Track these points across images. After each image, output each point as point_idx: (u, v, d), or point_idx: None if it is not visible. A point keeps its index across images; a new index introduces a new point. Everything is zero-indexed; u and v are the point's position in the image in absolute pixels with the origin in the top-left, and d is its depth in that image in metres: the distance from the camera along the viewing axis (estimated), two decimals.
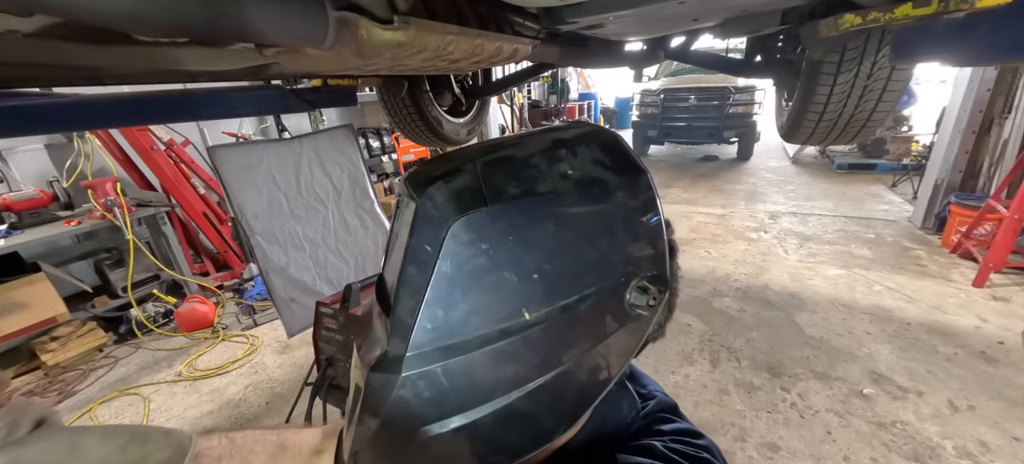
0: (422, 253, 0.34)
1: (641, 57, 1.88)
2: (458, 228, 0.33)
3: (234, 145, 2.77)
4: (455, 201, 0.34)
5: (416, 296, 0.34)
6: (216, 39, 0.67)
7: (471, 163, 0.37)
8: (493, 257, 0.34)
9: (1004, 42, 0.69)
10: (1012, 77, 3.61)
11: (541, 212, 0.35)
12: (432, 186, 0.35)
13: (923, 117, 6.47)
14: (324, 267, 2.48)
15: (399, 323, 0.35)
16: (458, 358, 0.34)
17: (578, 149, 0.40)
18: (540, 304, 0.35)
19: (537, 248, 0.35)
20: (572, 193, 0.37)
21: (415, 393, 0.34)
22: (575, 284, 0.36)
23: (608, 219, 0.38)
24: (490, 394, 0.35)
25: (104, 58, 0.79)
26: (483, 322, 0.34)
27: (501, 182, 0.35)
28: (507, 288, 0.34)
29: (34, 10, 0.42)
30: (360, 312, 1.23)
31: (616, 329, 0.38)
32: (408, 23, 0.66)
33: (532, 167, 0.37)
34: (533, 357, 0.35)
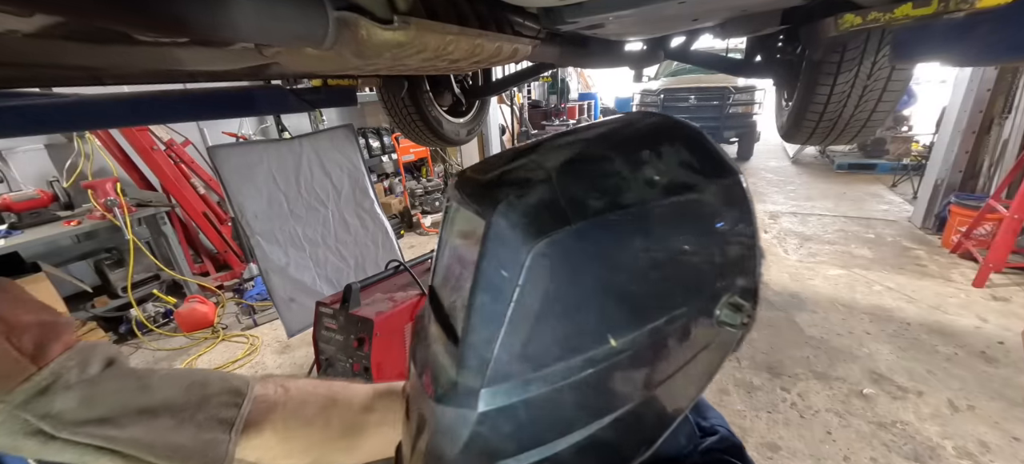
0: (498, 279, 0.30)
1: (641, 57, 1.88)
2: (540, 252, 0.29)
3: (234, 145, 2.77)
4: (534, 221, 0.30)
5: (493, 326, 0.30)
6: (216, 39, 0.67)
7: (543, 170, 0.33)
8: (578, 281, 0.31)
9: (1004, 42, 0.69)
10: (1012, 77, 3.61)
11: (628, 227, 0.31)
12: (504, 202, 0.31)
13: (923, 117, 6.47)
14: (324, 267, 2.48)
15: (473, 354, 0.31)
16: (539, 391, 0.31)
17: (662, 149, 0.35)
18: (627, 329, 0.31)
19: (624, 268, 0.32)
20: (660, 202, 0.32)
21: (493, 429, 0.32)
22: (664, 304, 0.33)
23: (700, 229, 0.34)
24: (572, 426, 0.32)
25: (104, 58, 0.79)
26: (566, 351, 0.31)
27: (581, 194, 0.31)
28: (592, 313, 0.31)
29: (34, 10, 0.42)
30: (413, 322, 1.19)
31: (703, 348, 0.35)
32: (408, 23, 0.66)
33: (614, 174, 0.33)
34: (619, 386, 0.33)
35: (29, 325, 0.37)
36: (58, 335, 0.39)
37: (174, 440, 0.41)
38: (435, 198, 5.30)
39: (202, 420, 0.43)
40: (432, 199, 5.28)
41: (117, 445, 0.38)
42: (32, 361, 0.36)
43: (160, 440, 0.40)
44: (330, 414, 0.54)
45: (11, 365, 0.35)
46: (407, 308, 1.46)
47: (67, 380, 0.37)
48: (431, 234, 5.08)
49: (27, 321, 0.37)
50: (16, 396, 0.34)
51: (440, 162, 6.55)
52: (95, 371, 0.40)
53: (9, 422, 0.34)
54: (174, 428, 0.41)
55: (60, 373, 0.37)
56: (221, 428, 0.44)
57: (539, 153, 0.36)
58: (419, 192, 5.45)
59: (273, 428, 0.49)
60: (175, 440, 0.41)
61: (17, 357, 0.35)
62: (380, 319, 1.36)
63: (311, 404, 0.53)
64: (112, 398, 0.39)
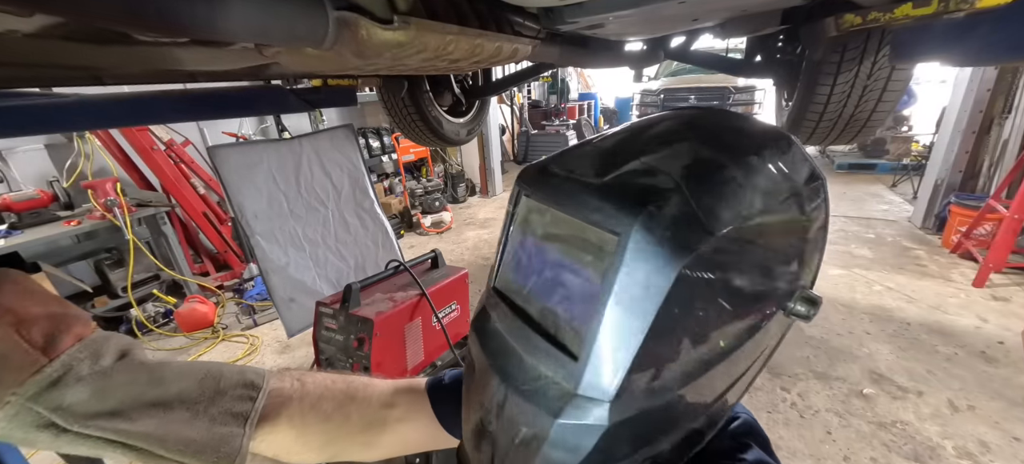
0: (639, 293, 0.29)
1: (641, 57, 1.88)
2: (689, 266, 0.28)
3: (234, 145, 2.77)
4: (680, 236, 0.29)
5: (628, 341, 0.29)
6: (216, 39, 0.67)
7: (668, 177, 0.32)
8: (710, 293, 0.31)
9: (1004, 42, 0.69)
10: (1012, 77, 3.62)
11: (750, 236, 0.32)
12: (645, 215, 0.29)
13: (923, 117, 6.47)
14: (324, 267, 2.48)
15: (601, 367, 0.30)
16: (663, 400, 0.32)
17: (766, 155, 0.36)
18: (735, 330, 0.33)
19: (743, 276, 0.32)
20: (774, 214, 0.33)
21: (615, 439, 0.32)
22: (762, 303, 0.35)
23: (798, 234, 0.36)
24: (680, 423, 0.34)
25: (104, 58, 0.79)
26: (689, 360, 0.32)
27: (713, 203, 0.30)
28: (715, 322, 0.32)
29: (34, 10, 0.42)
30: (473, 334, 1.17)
31: (775, 335, 0.38)
32: (408, 23, 0.66)
33: (732, 181, 0.32)
34: (720, 382, 0.35)
35: (39, 317, 0.36)
36: (69, 326, 0.38)
37: (187, 434, 0.40)
38: (435, 198, 5.30)
39: (216, 413, 0.43)
40: (432, 199, 5.28)
41: (129, 438, 0.38)
42: (42, 353, 0.35)
43: (173, 434, 0.40)
44: (349, 409, 0.53)
45: (21, 357, 0.34)
46: (407, 308, 1.46)
47: (78, 372, 0.36)
48: (431, 234, 5.08)
49: (37, 313, 0.36)
50: (27, 388, 0.34)
51: (440, 162, 6.55)
52: (107, 363, 0.39)
53: (21, 414, 0.34)
54: (187, 422, 0.41)
55: (71, 365, 0.36)
56: (235, 422, 0.43)
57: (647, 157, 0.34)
58: (419, 192, 5.45)
59: (289, 422, 0.48)
60: (188, 434, 0.40)
61: (27, 349, 0.35)
62: (380, 319, 1.36)
63: (329, 399, 0.52)
64: (124, 391, 0.38)
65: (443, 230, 5.15)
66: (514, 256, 0.40)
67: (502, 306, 0.39)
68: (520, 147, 8.39)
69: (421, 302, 1.51)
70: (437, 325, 1.54)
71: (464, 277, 1.72)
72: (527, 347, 0.35)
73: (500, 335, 0.38)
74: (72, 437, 0.36)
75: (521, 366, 0.35)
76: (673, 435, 0.34)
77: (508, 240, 0.41)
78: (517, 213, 0.40)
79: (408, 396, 0.57)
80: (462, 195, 6.37)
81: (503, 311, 0.39)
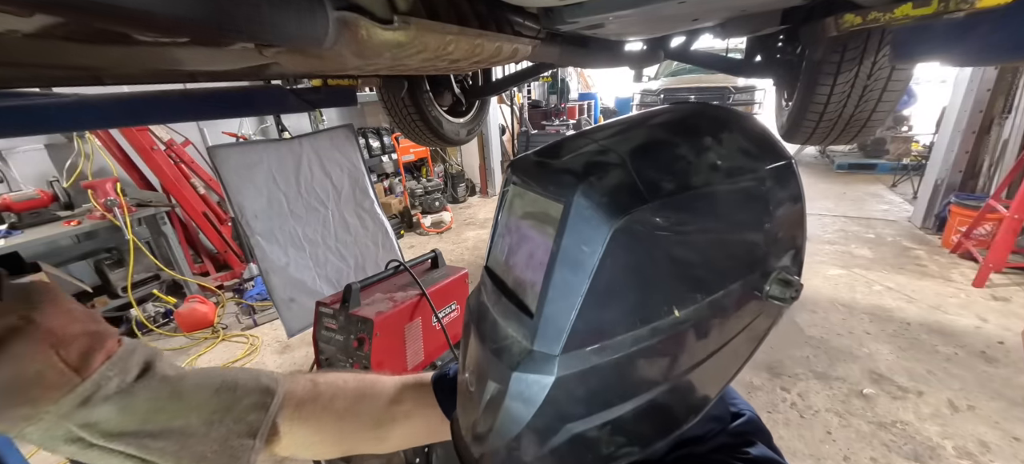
0: (578, 254, 0.32)
1: (641, 57, 1.88)
2: (620, 228, 0.31)
3: (234, 145, 2.77)
4: (614, 200, 0.32)
5: (571, 297, 0.33)
6: (216, 39, 0.67)
7: (615, 155, 0.35)
8: (650, 256, 0.33)
9: (1004, 42, 0.69)
10: (1012, 77, 3.62)
11: (696, 207, 0.34)
12: (585, 183, 0.33)
13: (923, 117, 6.47)
14: (324, 267, 2.48)
15: (549, 323, 0.34)
16: (610, 357, 0.34)
17: (723, 136, 0.38)
18: (690, 301, 0.34)
19: (690, 244, 0.34)
20: (723, 185, 0.35)
21: (566, 393, 0.34)
22: (723, 278, 0.35)
23: (757, 210, 0.37)
24: (636, 391, 0.35)
25: (104, 58, 0.79)
26: (635, 321, 0.33)
27: (655, 176, 0.33)
28: (661, 287, 0.34)
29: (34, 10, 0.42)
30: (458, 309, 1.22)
31: (752, 320, 0.38)
32: (408, 23, 0.66)
33: (682, 158, 0.35)
34: (679, 353, 0.35)
35: (75, 336, 0.38)
36: (102, 344, 0.40)
37: (200, 449, 0.43)
38: (435, 198, 5.30)
39: (230, 425, 0.45)
40: (432, 199, 5.28)
41: (148, 454, 0.40)
42: (76, 372, 0.37)
43: (187, 450, 0.42)
44: (359, 408, 0.56)
45: (58, 377, 0.36)
46: (407, 308, 1.46)
47: (106, 391, 0.38)
48: (431, 234, 5.08)
49: (73, 332, 0.38)
50: (61, 406, 0.36)
51: (440, 162, 6.55)
52: (132, 378, 0.41)
53: (53, 428, 0.36)
54: (202, 437, 0.43)
55: (100, 384, 0.38)
56: (248, 433, 0.46)
57: (604, 140, 0.38)
58: (419, 192, 5.45)
59: (304, 423, 0.51)
60: (201, 449, 0.43)
61: (63, 369, 0.36)
62: (380, 319, 1.36)
63: (341, 398, 0.55)
64: (146, 408, 0.41)
65: (443, 230, 5.15)
66: (499, 237, 0.44)
67: (489, 282, 0.43)
68: (520, 147, 8.36)
69: (421, 302, 1.51)
70: (437, 325, 1.54)
71: (464, 277, 1.72)
72: (502, 312, 0.39)
73: (484, 306, 0.42)
74: (96, 451, 0.38)
75: (495, 330, 0.39)
76: (629, 404, 0.35)
77: (496, 224, 0.44)
78: (504, 199, 0.44)
79: (414, 391, 0.60)
80: (462, 195, 6.37)
81: (488, 286, 0.43)
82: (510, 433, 0.37)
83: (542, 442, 0.36)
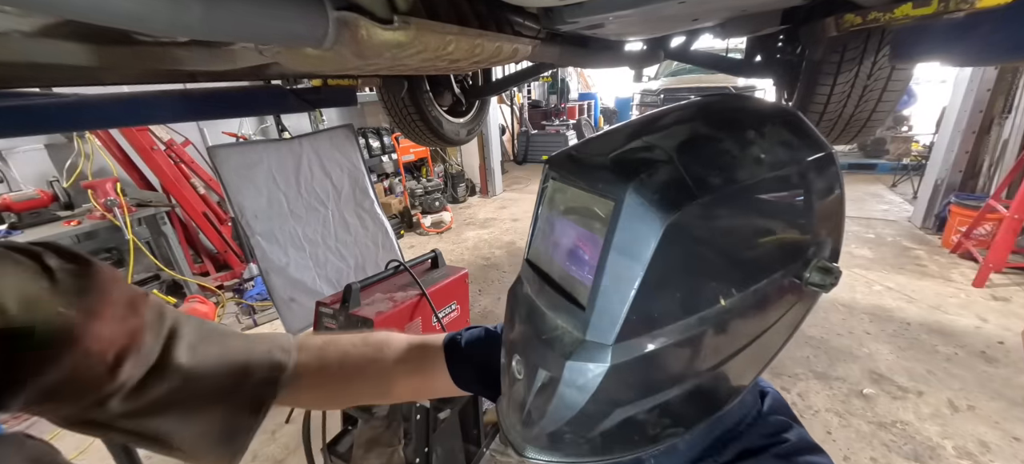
0: (630, 249, 0.34)
1: (641, 57, 1.88)
2: (673, 224, 0.32)
3: (234, 145, 2.77)
4: (665, 197, 0.33)
5: (623, 291, 0.34)
6: (216, 39, 0.67)
7: (662, 151, 0.36)
8: (700, 250, 0.35)
9: (1004, 42, 0.69)
10: (1012, 77, 3.62)
11: (743, 200, 0.35)
12: (635, 181, 0.34)
13: (923, 117, 6.47)
14: (324, 267, 2.48)
15: (602, 315, 0.35)
16: (660, 346, 0.36)
17: (765, 129, 0.39)
18: (736, 290, 0.35)
19: (737, 237, 0.36)
20: (767, 178, 0.36)
21: (618, 380, 0.36)
22: (767, 268, 0.37)
23: (799, 201, 0.38)
24: (683, 376, 0.37)
25: (104, 58, 0.79)
26: (685, 311, 0.35)
27: (702, 172, 0.34)
28: (710, 278, 0.35)
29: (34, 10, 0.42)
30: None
31: (792, 306, 0.40)
32: (408, 23, 0.66)
33: (727, 153, 0.36)
34: (725, 340, 0.37)
35: (113, 338, 0.37)
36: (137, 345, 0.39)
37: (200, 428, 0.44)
38: (435, 198, 5.30)
39: (236, 402, 0.46)
40: (432, 199, 5.28)
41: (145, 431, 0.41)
42: (109, 374, 0.37)
43: (188, 427, 0.43)
44: (367, 369, 0.60)
45: (93, 379, 0.36)
46: (407, 308, 1.46)
47: (126, 388, 0.39)
48: (431, 234, 5.08)
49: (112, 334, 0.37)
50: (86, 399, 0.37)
51: (440, 162, 6.55)
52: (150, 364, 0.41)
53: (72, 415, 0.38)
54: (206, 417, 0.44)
55: (124, 383, 0.38)
56: (252, 409, 0.47)
57: (648, 137, 0.40)
58: (419, 192, 5.45)
59: (310, 388, 0.55)
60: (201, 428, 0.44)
61: (100, 373, 0.36)
62: (380, 319, 1.36)
63: (350, 364, 0.58)
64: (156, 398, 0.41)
65: (443, 230, 5.15)
66: (541, 231, 0.46)
67: (531, 273, 0.45)
68: (520, 147, 8.39)
69: (421, 302, 1.51)
70: (437, 325, 1.54)
71: (464, 277, 1.72)
72: (549, 304, 0.41)
73: (528, 297, 0.45)
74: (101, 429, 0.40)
75: (543, 321, 0.41)
76: (676, 389, 0.37)
77: (537, 217, 0.46)
78: (544, 193, 0.45)
79: (421, 351, 0.64)
80: (462, 195, 6.37)
81: (532, 277, 0.45)
82: (563, 417, 0.39)
83: (593, 425, 0.38)
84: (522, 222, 5.20)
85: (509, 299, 0.49)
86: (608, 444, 0.39)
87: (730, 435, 0.43)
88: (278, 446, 2.07)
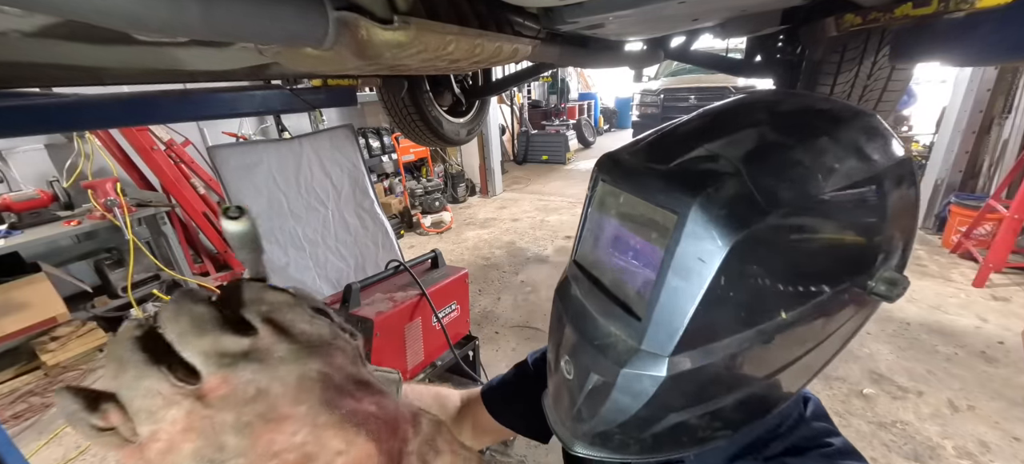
0: (693, 265, 0.33)
1: (641, 57, 1.88)
2: (739, 244, 0.31)
3: (234, 145, 2.77)
4: (733, 214, 0.32)
5: (684, 305, 0.33)
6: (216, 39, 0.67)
7: (728, 162, 0.34)
8: (765, 266, 0.33)
9: (1004, 42, 0.69)
10: (1012, 77, 3.61)
11: (813, 215, 0.34)
12: (702, 196, 0.32)
13: (923, 117, 6.46)
14: (324, 267, 2.48)
15: (660, 328, 0.35)
16: (717, 358, 0.35)
17: (839, 136, 0.37)
18: (798, 303, 0.34)
19: (804, 252, 0.35)
20: (840, 191, 0.34)
21: (672, 389, 0.36)
22: (832, 280, 0.35)
23: (872, 214, 0.36)
24: (737, 385, 0.37)
25: (104, 58, 0.79)
26: (744, 325, 0.34)
27: (772, 184, 0.33)
28: (773, 292, 0.34)
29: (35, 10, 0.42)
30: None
31: (853, 315, 0.39)
32: (408, 23, 0.66)
33: (798, 164, 0.34)
34: (782, 351, 0.36)
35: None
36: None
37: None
38: (435, 198, 5.30)
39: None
40: (432, 199, 5.28)
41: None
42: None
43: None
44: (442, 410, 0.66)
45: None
46: (407, 308, 1.46)
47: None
48: (431, 234, 5.08)
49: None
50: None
51: (440, 162, 6.55)
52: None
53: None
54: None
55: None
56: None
57: (713, 142, 0.38)
58: (419, 192, 5.44)
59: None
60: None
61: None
62: (380, 319, 1.36)
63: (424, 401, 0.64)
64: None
65: (443, 230, 5.15)
66: (591, 233, 0.45)
67: (581, 276, 0.44)
68: (520, 147, 8.39)
69: (421, 302, 1.51)
70: (437, 325, 1.54)
71: (464, 277, 1.72)
72: (600, 310, 0.40)
73: (578, 300, 0.44)
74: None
75: (595, 326, 0.40)
76: (729, 397, 0.37)
77: (586, 220, 0.45)
78: (594, 196, 0.44)
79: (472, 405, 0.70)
80: (462, 195, 6.37)
81: (582, 280, 0.44)
82: (615, 420, 0.39)
83: (645, 428, 0.39)
84: (522, 222, 5.20)
85: (556, 298, 0.48)
86: (657, 445, 0.39)
87: (772, 435, 0.42)
88: None
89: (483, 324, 3.05)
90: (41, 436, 2.29)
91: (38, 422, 2.40)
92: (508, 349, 2.66)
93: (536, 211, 5.60)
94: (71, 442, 2.24)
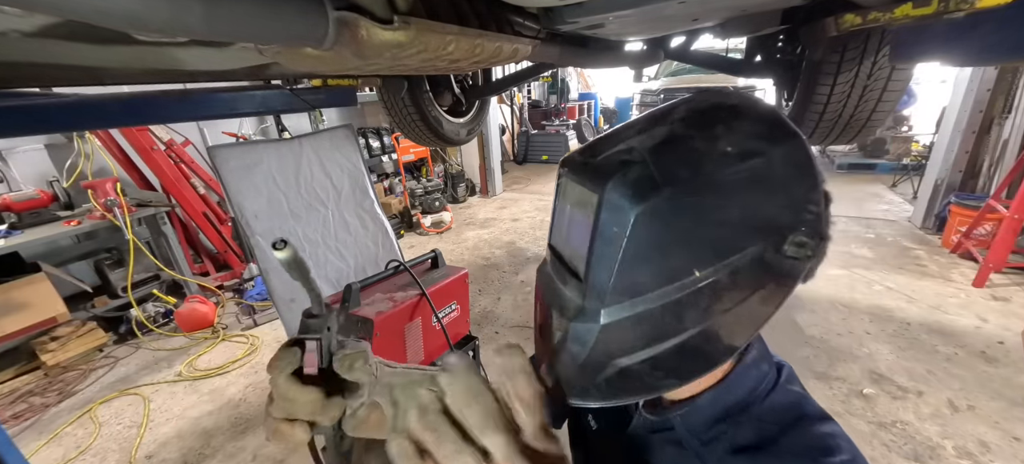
0: (611, 233, 0.42)
1: (641, 57, 1.88)
2: (641, 214, 0.40)
3: (234, 145, 2.77)
4: (635, 192, 0.40)
5: (609, 266, 0.42)
6: (216, 39, 0.67)
7: (638, 152, 0.43)
8: (670, 231, 0.41)
9: (1004, 42, 0.69)
10: (1012, 77, 3.62)
11: (708, 189, 0.41)
12: (612, 180, 0.42)
13: (923, 117, 6.46)
14: (324, 267, 2.48)
15: (595, 286, 0.44)
16: (643, 308, 0.43)
17: (734, 124, 0.44)
18: (708, 263, 0.41)
19: (705, 219, 0.41)
20: (731, 168, 0.41)
21: (610, 337, 0.44)
22: (738, 244, 0.42)
23: (768, 186, 0.42)
24: (668, 334, 0.43)
25: (104, 58, 0.79)
26: (662, 281, 0.42)
27: (671, 166, 0.41)
28: (681, 253, 0.41)
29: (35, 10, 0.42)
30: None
31: (774, 276, 0.44)
32: (408, 23, 0.66)
33: (695, 150, 0.42)
34: (703, 304, 0.42)
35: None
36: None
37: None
38: (435, 198, 5.29)
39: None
40: (432, 199, 5.28)
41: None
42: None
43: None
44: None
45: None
46: (407, 308, 1.46)
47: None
48: (431, 234, 5.08)
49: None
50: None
51: (440, 162, 6.55)
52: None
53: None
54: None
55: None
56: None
57: (633, 138, 0.46)
58: (419, 192, 5.44)
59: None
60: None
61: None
62: (380, 319, 1.36)
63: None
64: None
65: (443, 230, 5.15)
66: (557, 219, 0.54)
67: (551, 255, 0.54)
68: (520, 147, 8.39)
69: (421, 302, 1.51)
70: (437, 325, 1.54)
71: (464, 277, 1.72)
72: (561, 278, 0.50)
73: (548, 274, 0.54)
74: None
75: (557, 292, 0.50)
76: (664, 345, 0.44)
77: (554, 208, 0.54)
78: (558, 188, 0.53)
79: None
80: (462, 195, 6.37)
81: (551, 258, 0.54)
82: (573, 367, 0.47)
83: (596, 373, 0.46)
84: (522, 222, 5.20)
85: (537, 277, 0.58)
86: (611, 389, 0.47)
87: (750, 398, 0.50)
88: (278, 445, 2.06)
89: (483, 324, 3.05)
90: (41, 436, 2.29)
91: (38, 422, 2.40)
92: None
93: (536, 211, 5.60)
94: (71, 442, 2.24)
